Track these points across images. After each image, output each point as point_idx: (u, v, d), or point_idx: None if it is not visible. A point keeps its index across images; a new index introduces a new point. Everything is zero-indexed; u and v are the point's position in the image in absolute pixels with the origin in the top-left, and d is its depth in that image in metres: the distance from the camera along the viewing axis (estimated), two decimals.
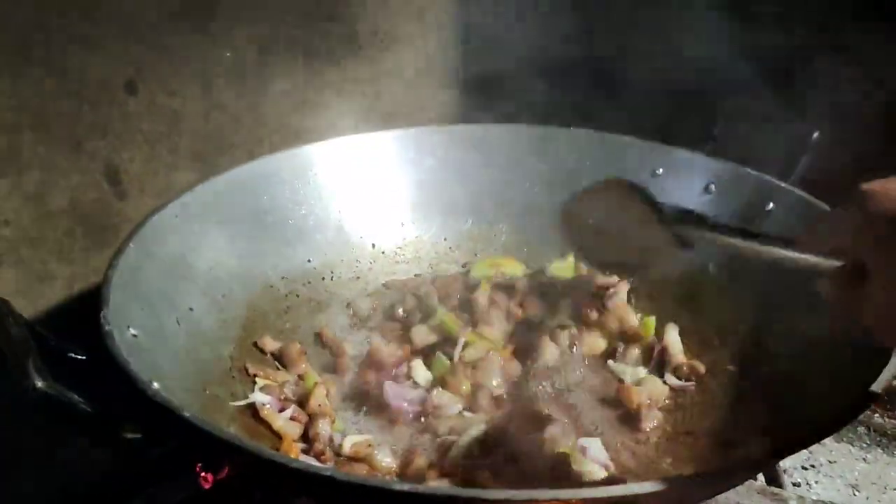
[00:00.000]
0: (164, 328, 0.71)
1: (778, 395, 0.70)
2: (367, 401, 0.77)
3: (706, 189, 0.92)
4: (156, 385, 0.57)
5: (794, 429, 0.62)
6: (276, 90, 1.13)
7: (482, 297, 0.88)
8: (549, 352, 0.82)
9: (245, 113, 1.10)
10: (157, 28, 0.97)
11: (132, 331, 0.64)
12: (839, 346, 0.64)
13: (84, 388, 0.56)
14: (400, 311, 0.89)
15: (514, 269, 0.98)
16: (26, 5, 0.86)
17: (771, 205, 0.86)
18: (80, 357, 0.61)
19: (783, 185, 0.86)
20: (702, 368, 0.80)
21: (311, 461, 0.67)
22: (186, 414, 0.53)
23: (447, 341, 0.82)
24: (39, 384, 0.48)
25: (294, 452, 0.68)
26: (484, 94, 1.36)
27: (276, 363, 0.81)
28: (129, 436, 0.52)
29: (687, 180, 0.93)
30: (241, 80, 1.08)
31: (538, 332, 0.84)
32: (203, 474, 0.77)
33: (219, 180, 0.86)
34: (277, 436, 0.70)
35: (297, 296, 0.89)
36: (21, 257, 0.93)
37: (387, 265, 0.97)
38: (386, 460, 0.69)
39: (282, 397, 0.75)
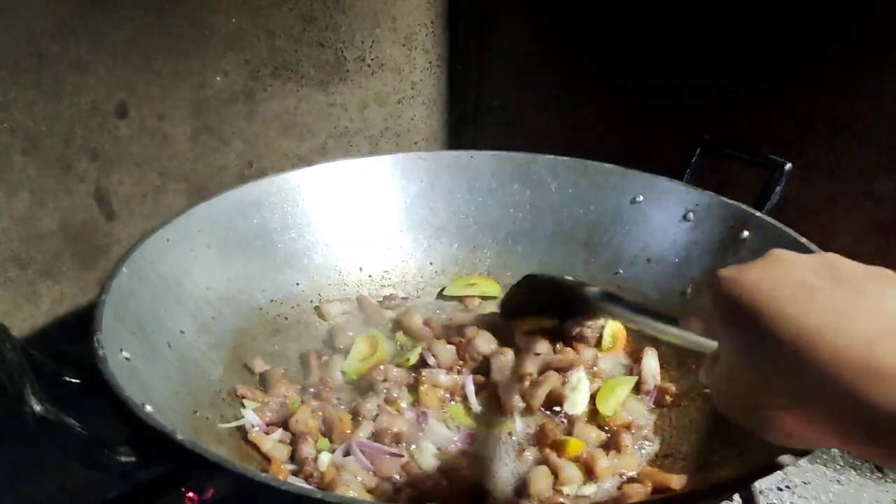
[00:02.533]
0: (155, 351, 0.72)
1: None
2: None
3: (685, 217, 0.95)
4: (149, 408, 0.58)
5: (769, 450, 0.64)
6: (265, 114, 1.14)
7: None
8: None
9: (234, 136, 1.12)
10: (148, 53, 0.98)
11: (125, 353, 0.65)
12: None
13: (78, 411, 0.57)
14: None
15: (490, 288, 1.00)
16: (19, 30, 0.87)
17: (746, 233, 0.88)
18: (74, 380, 0.62)
19: (759, 214, 0.88)
20: (673, 389, 0.82)
21: (300, 483, 0.68)
22: (180, 437, 0.54)
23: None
24: (37, 409, 0.49)
25: (283, 475, 0.69)
26: (469, 119, 1.39)
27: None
28: (124, 459, 0.53)
29: (667, 208, 0.96)
30: (230, 103, 1.10)
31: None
32: (189, 495, 0.78)
33: (209, 204, 0.88)
34: (266, 458, 0.71)
35: (286, 318, 0.90)
36: (9, 278, 0.94)
37: (374, 288, 0.98)
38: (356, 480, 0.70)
39: (265, 419, 0.76)
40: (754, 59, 1.08)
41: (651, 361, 0.87)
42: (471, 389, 0.82)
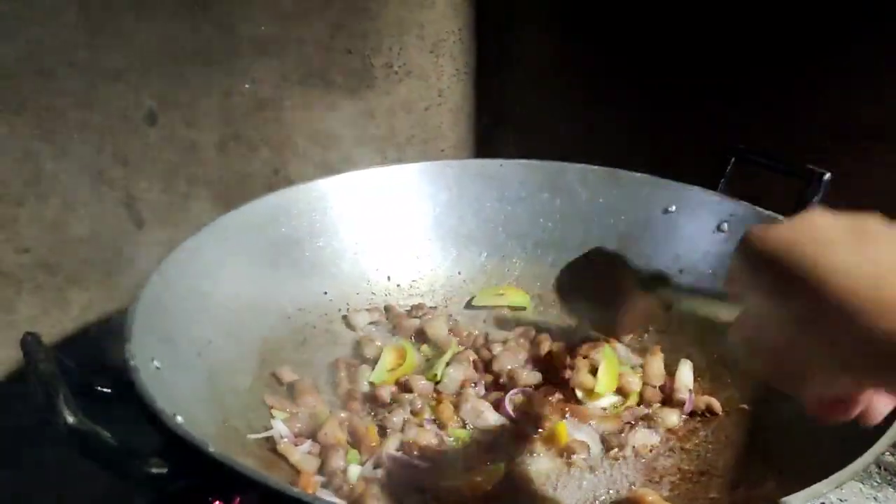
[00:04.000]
0: (185, 360, 0.71)
1: (793, 435, 0.70)
2: None
3: (719, 227, 0.93)
4: (179, 418, 0.58)
5: (807, 470, 0.62)
6: (292, 121, 1.14)
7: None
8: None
9: (261, 144, 1.12)
10: (178, 61, 0.99)
11: (155, 363, 0.64)
12: None
13: (108, 420, 0.56)
14: None
15: (520, 299, 0.98)
16: (51, 38, 0.88)
17: None
18: (105, 390, 0.62)
19: None
20: (717, 406, 0.80)
21: (331, 497, 0.67)
22: (212, 450, 0.53)
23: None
24: (70, 420, 0.48)
25: (312, 487, 0.68)
26: (495, 127, 1.38)
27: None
28: (155, 471, 0.52)
29: (700, 218, 0.94)
30: (258, 111, 1.10)
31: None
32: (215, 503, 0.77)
33: (238, 212, 0.87)
34: (295, 469, 0.70)
35: (314, 327, 0.90)
36: (39, 284, 0.94)
37: (402, 298, 0.97)
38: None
39: (294, 430, 0.75)
40: (785, 66, 1.06)
41: (685, 372, 0.85)
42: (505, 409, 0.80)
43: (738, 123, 1.10)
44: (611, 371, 0.83)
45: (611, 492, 0.72)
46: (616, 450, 0.76)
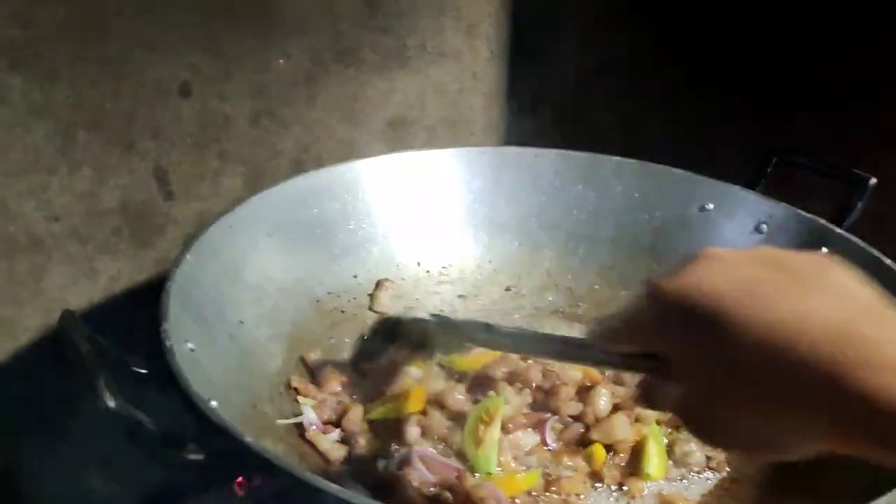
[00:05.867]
0: (217, 342, 0.71)
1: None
2: None
3: (757, 228, 0.91)
4: (214, 403, 0.57)
5: (842, 495, 0.61)
6: (324, 99, 1.13)
7: None
8: None
9: (293, 120, 1.10)
10: (214, 34, 0.97)
11: (189, 345, 0.64)
12: None
13: (144, 403, 0.56)
14: None
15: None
16: (87, 5, 0.86)
17: (824, 249, 0.85)
18: (141, 371, 0.61)
19: (838, 230, 0.85)
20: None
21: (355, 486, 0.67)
22: (248, 440, 0.52)
23: None
24: (111, 404, 0.48)
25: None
26: (528, 112, 1.36)
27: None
28: (192, 457, 0.52)
29: (738, 218, 0.93)
30: (292, 87, 1.08)
31: None
32: (239, 480, 0.77)
33: (271, 191, 0.86)
34: (324, 457, 0.70)
35: (342, 311, 0.89)
36: (69, 253, 0.93)
37: (431, 285, 0.96)
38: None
39: (323, 418, 0.75)
40: (837, 67, 1.03)
41: None
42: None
43: (785, 122, 1.08)
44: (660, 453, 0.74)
45: None
46: None
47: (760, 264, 0.43)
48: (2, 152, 0.84)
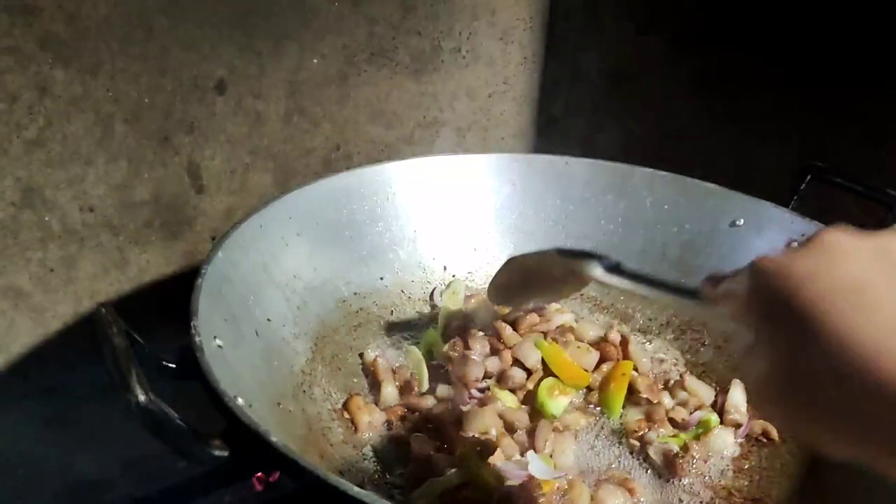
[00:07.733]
0: (244, 339, 0.71)
1: (853, 474, 0.68)
2: None
3: (788, 246, 0.90)
4: (240, 401, 0.58)
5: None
6: (356, 99, 1.13)
7: None
8: None
9: (324, 119, 1.11)
10: (251, 33, 0.98)
11: (217, 341, 0.64)
12: None
13: (172, 398, 0.56)
14: None
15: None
16: (131, 3, 0.88)
17: None
18: (170, 365, 0.62)
19: None
20: (774, 432, 0.79)
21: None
22: (274, 440, 0.53)
23: None
24: (142, 399, 0.49)
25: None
26: (559, 119, 1.36)
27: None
28: (217, 453, 0.52)
29: (768, 235, 0.92)
30: (324, 86, 1.09)
31: None
32: (258, 475, 0.78)
33: (302, 191, 0.87)
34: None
35: (368, 313, 0.90)
36: (101, 242, 0.95)
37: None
38: None
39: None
40: (876, 86, 1.02)
41: (737, 393, 0.83)
42: None
43: (817, 139, 1.06)
44: None
45: None
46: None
47: (876, 264, 0.40)
48: (42, 143, 0.85)
